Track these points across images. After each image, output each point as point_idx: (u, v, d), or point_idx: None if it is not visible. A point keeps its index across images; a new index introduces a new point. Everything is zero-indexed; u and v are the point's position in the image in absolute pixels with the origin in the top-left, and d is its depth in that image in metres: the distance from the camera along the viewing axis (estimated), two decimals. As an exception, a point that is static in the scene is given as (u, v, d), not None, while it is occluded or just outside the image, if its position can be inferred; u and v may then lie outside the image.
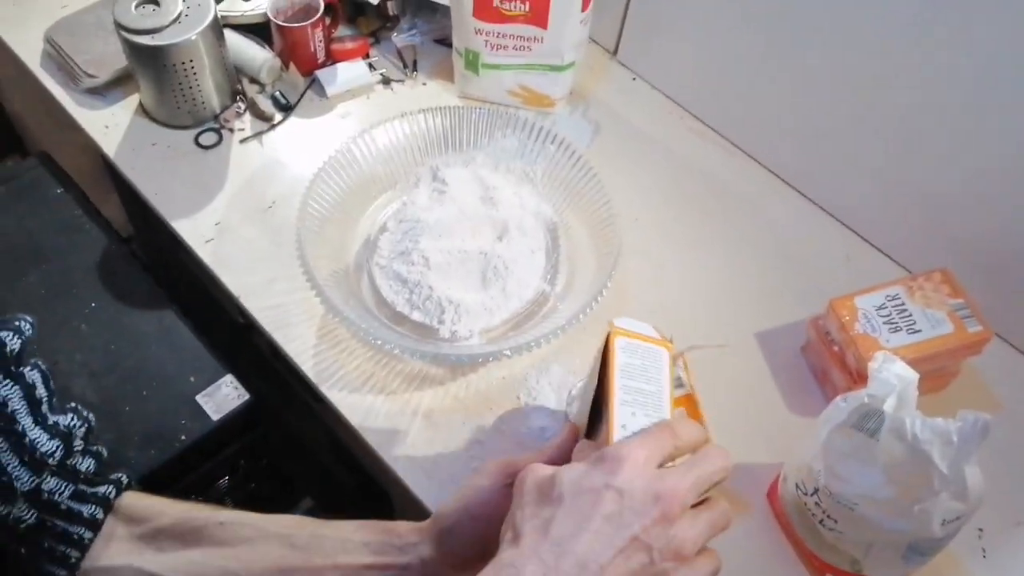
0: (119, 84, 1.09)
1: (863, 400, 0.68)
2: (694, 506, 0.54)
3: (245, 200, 1.00)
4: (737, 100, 1.05)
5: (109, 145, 1.04)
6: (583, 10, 0.99)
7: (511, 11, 0.98)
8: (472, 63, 1.05)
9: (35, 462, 0.60)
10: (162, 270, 1.15)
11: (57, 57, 1.09)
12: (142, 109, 1.07)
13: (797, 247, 1.00)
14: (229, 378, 0.97)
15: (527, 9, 0.98)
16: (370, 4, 1.11)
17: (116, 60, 1.06)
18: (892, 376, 0.67)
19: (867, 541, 0.71)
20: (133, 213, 1.24)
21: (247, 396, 0.96)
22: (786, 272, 0.97)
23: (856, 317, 0.83)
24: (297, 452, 1.20)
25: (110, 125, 1.06)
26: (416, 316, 0.88)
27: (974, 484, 0.67)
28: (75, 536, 0.62)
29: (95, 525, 0.63)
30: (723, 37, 1.01)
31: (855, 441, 0.69)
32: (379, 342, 0.83)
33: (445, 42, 1.13)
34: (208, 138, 1.05)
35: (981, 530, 0.81)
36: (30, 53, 1.12)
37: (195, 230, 0.98)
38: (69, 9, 1.15)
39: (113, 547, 0.62)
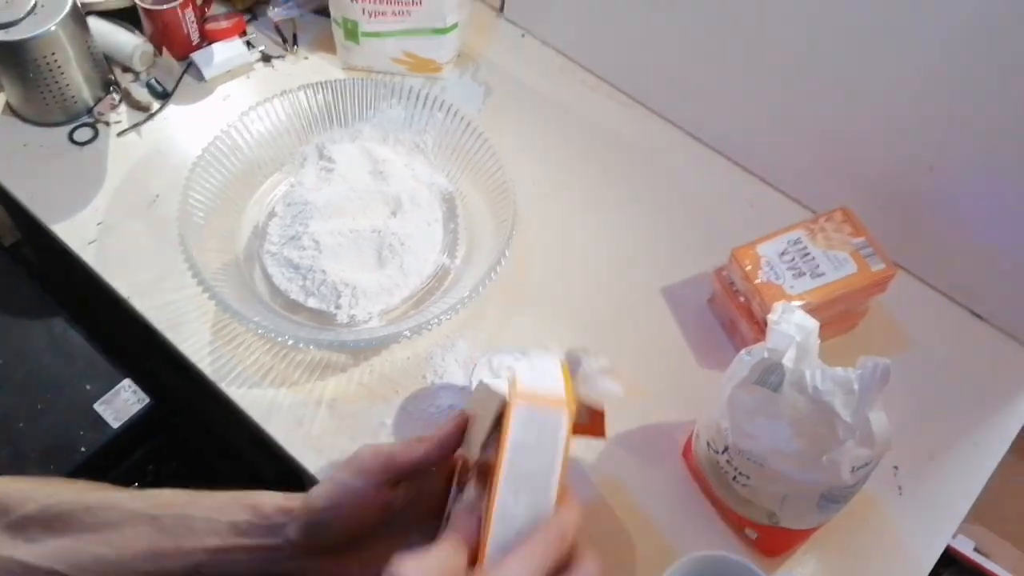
0: (-20, 87, 1.02)
1: (764, 355, 0.67)
2: None
3: (127, 196, 0.96)
4: (629, 50, 1.02)
5: (-24, 149, 0.99)
6: (460, -32, 0.95)
7: (385, -25, 0.94)
8: (351, 32, 1.00)
9: None
10: (54, 274, 1.10)
11: (-89, 60, 1.02)
12: (9, 108, 1.01)
13: (700, 196, 0.98)
14: (127, 383, 0.94)
15: (401, -28, 0.94)
16: (243, -22, 1.06)
17: (-25, 61, 1.00)
18: (791, 327, 0.66)
19: (781, 494, 0.71)
20: (17, 217, 1.18)
21: (147, 400, 0.93)
22: (690, 223, 0.96)
23: (759, 265, 0.82)
24: (217, 447, 1.17)
25: (-25, 128, 1.00)
26: (312, 303, 0.85)
27: (880, 428, 0.66)
28: None
29: None
30: (610, -15, 0.98)
31: (759, 397, 0.68)
32: (273, 335, 0.80)
33: (324, 12, 1.08)
34: (83, 134, 1.00)
35: (896, 468, 0.81)
36: None
37: (76, 232, 0.93)
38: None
39: None
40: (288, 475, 1.10)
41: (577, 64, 1.08)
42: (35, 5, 0.93)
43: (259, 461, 1.15)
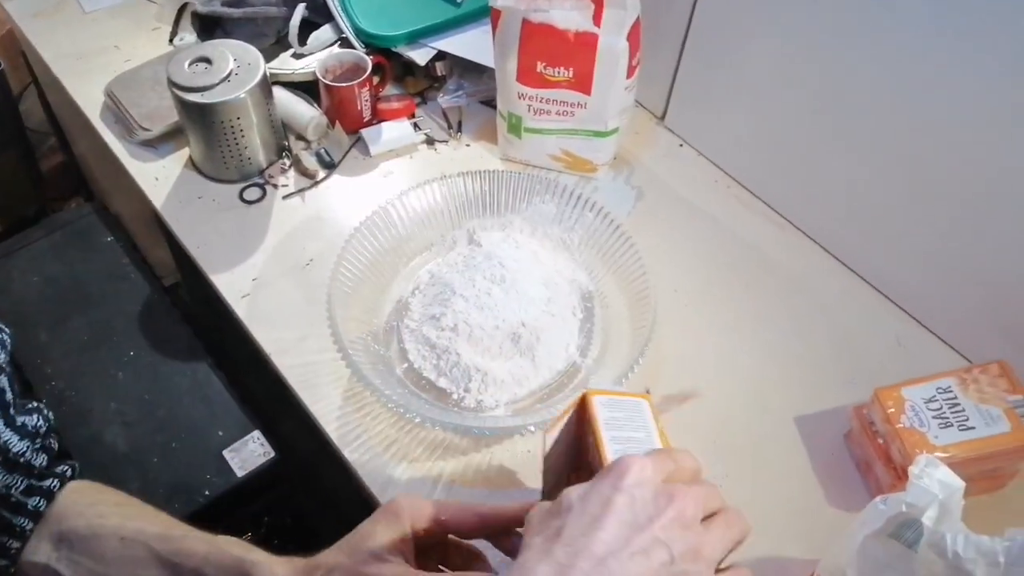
0: (171, 137, 1.11)
1: (901, 508, 0.64)
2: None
3: (284, 256, 1.01)
4: (787, 171, 1.01)
5: (157, 196, 1.06)
6: (628, 77, 0.97)
7: (554, 77, 0.97)
8: (515, 127, 1.04)
9: (7, 462, 0.63)
10: (205, 317, 1.15)
11: (115, 109, 1.12)
12: (191, 163, 1.09)
13: (845, 327, 0.95)
14: (256, 434, 0.97)
15: (570, 75, 0.96)
16: (418, 65, 1.11)
17: (169, 114, 1.08)
18: (934, 483, 0.63)
19: (904, 656, 0.66)
20: (180, 260, 1.26)
21: (272, 454, 0.96)
22: (832, 353, 0.93)
23: (903, 409, 0.78)
24: (328, 508, 1.19)
25: (160, 177, 1.08)
26: (442, 383, 0.87)
27: (1022, 606, 0.61)
28: (17, 528, 0.64)
29: (36, 516, 0.65)
30: (774, 107, 0.98)
31: (892, 551, 0.64)
32: (402, 410, 0.81)
33: (491, 103, 1.13)
34: (252, 193, 1.06)
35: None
36: (91, 105, 1.16)
37: (233, 284, 0.98)
38: (132, 63, 1.18)
39: (42, 544, 0.65)
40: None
41: (732, 179, 1.08)
42: (231, 72, 1.00)
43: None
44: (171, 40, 1.22)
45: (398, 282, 0.96)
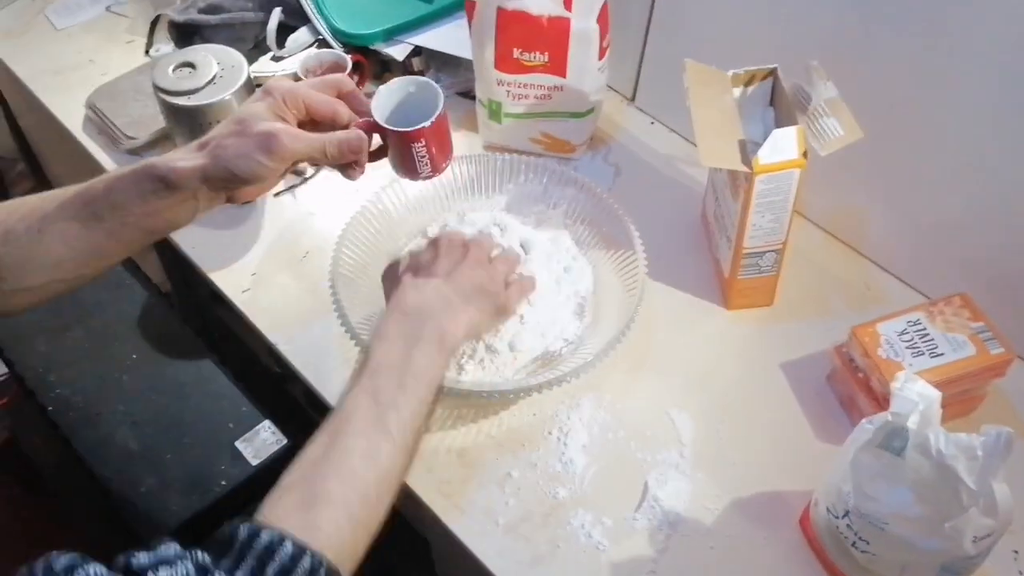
0: (156, 145, 1.14)
1: (887, 419, 0.70)
2: None
3: (280, 251, 1.04)
4: (752, 139, 1.08)
5: (148, 203, 1.08)
6: (600, 59, 1.03)
7: (531, 62, 1.02)
8: (495, 113, 1.09)
9: None
10: (198, 326, 1.18)
11: (98, 121, 1.15)
12: (180, 168, 1.12)
13: (818, 279, 1.01)
14: (267, 423, 1.00)
15: (546, 59, 1.02)
16: (396, 60, 1.16)
17: (154, 122, 1.11)
18: (914, 394, 0.69)
19: (900, 562, 0.72)
20: (171, 270, 1.28)
21: (285, 440, 0.98)
22: (808, 304, 0.99)
23: (879, 343, 0.85)
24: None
25: (149, 184, 1.10)
26: (448, 356, 0.91)
27: (1003, 499, 0.67)
28: None
29: None
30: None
31: (882, 460, 0.70)
32: (412, 381, 0.85)
33: (468, 95, 1.18)
34: (243, 193, 1.09)
35: (1016, 552, 0.81)
36: (72, 119, 1.18)
37: (232, 281, 1.01)
38: (108, 77, 1.20)
39: None
40: (404, 530, 1.13)
41: (702, 151, 1.14)
42: (215, 76, 1.04)
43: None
44: (147, 52, 1.24)
45: (395, 266, 1.00)
